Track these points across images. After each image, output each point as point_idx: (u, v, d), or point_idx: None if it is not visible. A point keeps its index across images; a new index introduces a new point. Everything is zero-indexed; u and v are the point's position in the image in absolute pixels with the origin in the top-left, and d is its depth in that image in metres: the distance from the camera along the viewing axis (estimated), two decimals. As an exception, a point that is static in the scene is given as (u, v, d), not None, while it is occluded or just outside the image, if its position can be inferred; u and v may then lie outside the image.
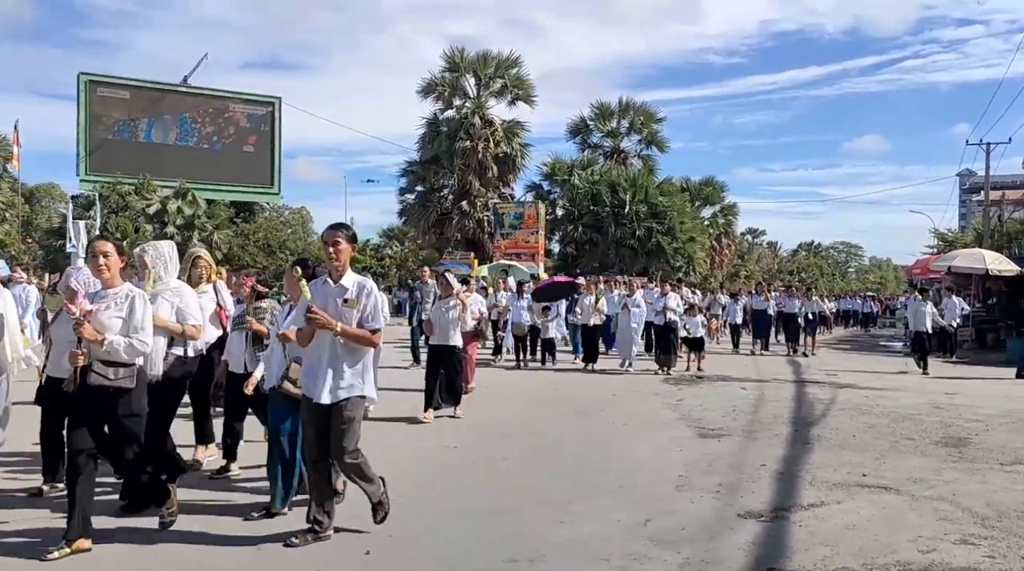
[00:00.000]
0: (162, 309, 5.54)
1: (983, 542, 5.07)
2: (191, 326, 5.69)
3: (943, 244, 39.10)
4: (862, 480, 6.68)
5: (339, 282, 4.89)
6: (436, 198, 36.71)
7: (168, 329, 5.54)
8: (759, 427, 9.29)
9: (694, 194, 42.25)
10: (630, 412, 10.39)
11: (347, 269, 4.93)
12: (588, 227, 34.02)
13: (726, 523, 5.45)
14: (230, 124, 39.26)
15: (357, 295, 4.86)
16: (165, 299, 5.62)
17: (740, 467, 7.15)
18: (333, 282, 4.90)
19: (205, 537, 4.97)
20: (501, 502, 5.95)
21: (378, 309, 4.91)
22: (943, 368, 15.33)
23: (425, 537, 5.11)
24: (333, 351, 4.81)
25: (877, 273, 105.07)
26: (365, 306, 4.86)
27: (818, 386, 13.36)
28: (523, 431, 8.90)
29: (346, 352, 4.82)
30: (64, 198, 46.03)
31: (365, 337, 4.85)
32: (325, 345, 4.82)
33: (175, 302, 5.66)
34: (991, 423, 9.74)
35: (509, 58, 35.84)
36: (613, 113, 40.50)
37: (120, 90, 36.77)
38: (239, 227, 36.05)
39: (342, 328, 4.74)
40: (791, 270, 71.07)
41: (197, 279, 6.80)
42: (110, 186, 31.60)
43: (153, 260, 5.76)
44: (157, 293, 5.60)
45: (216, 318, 6.94)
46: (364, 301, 4.86)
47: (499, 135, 35.30)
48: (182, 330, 5.64)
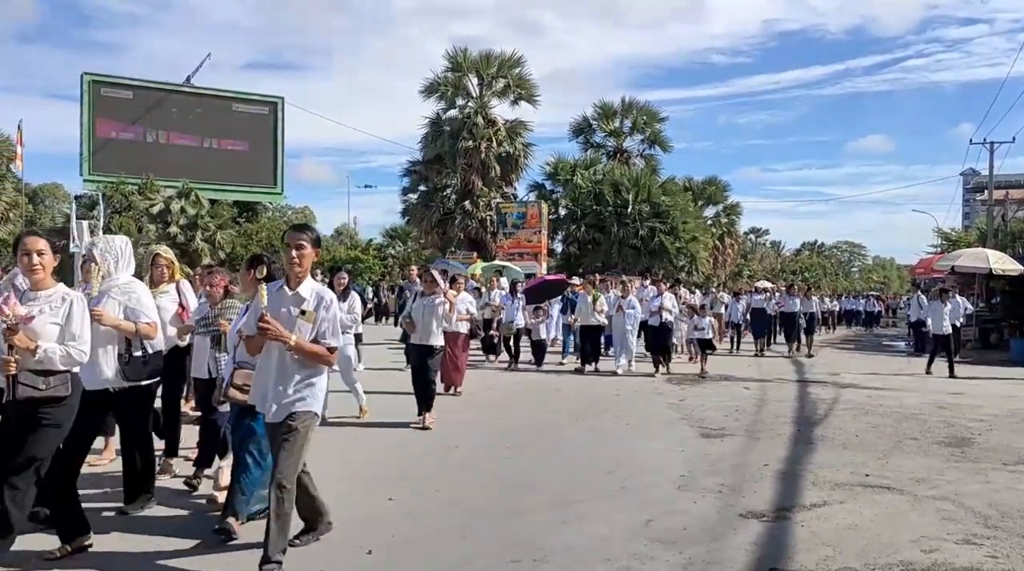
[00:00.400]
0: (109, 308, 5.15)
1: (986, 542, 5.06)
2: (145, 324, 5.24)
3: (947, 243, 39.05)
4: (865, 480, 6.67)
5: (296, 290, 4.47)
6: (439, 198, 36.69)
7: (120, 329, 5.15)
8: (762, 427, 9.29)
9: (697, 194, 42.14)
10: (632, 412, 10.38)
11: (307, 276, 4.53)
12: (591, 227, 33.98)
13: (728, 523, 5.45)
14: (233, 124, 39.32)
15: (315, 307, 4.46)
16: (112, 297, 5.21)
17: (743, 467, 7.15)
18: (290, 289, 4.48)
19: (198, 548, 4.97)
20: (504, 502, 5.95)
21: (336, 325, 4.55)
22: (946, 368, 15.30)
23: (427, 537, 5.11)
24: (283, 364, 4.44)
25: (881, 273, 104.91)
26: (323, 320, 4.46)
27: (821, 386, 13.34)
28: (525, 431, 8.90)
29: (297, 365, 4.45)
30: (68, 198, 46.10)
31: (320, 355, 4.46)
32: (274, 357, 4.45)
33: (124, 301, 5.22)
34: (994, 423, 9.73)
35: (512, 58, 35.80)
36: (616, 113, 40.42)
37: (123, 90, 36.86)
38: (242, 227, 36.12)
39: (296, 342, 4.34)
40: (794, 270, 70.96)
41: (158, 278, 6.48)
42: (113, 186, 31.68)
43: (103, 254, 5.31)
44: (104, 291, 5.22)
45: (178, 320, 6.57)
46: (322, 314, 4.46)
47: (502, 135, 35.27)
48: (135, 329, 5.18)
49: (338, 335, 4.58)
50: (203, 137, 38.67)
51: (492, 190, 35.90)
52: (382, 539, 5.00)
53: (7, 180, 31.44)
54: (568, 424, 9.48)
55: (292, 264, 4.45)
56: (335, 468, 6.99)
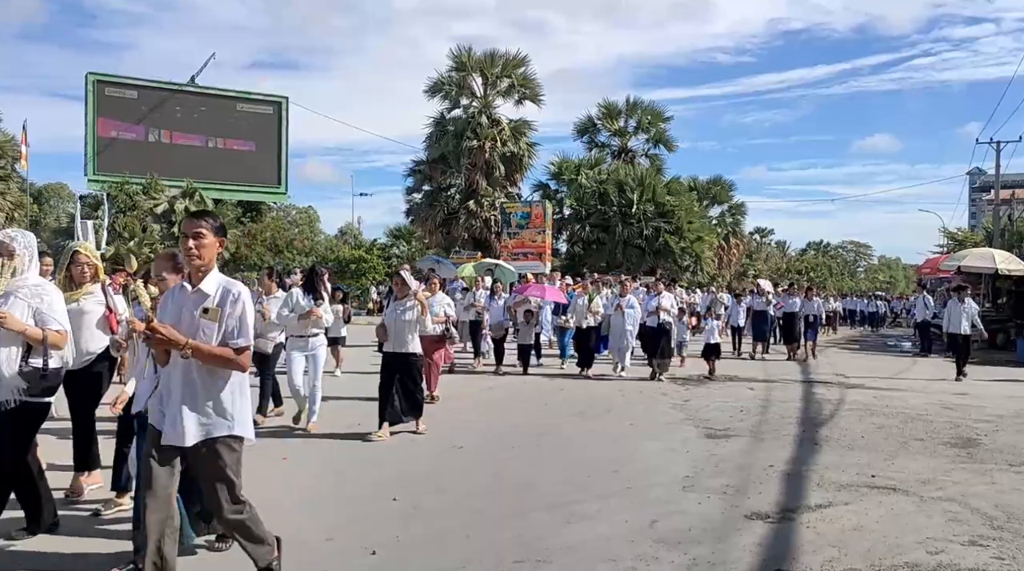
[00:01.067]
0: (16, 310, 4.61)
1: (992, 543, 5.04)
2: (54, 332, 4.67)
3: (953, 243, 38.92)
4: (870, 481, 6.64)
5: (199, 287, 3.89)
6: (443, 197, 36.67)
7: (26, 336, 4.59)
8: (767, 428, 9.26)
9: (702, 193, 42.12)
10: (636, 412, 10.36)
11: (212, 271, 3.95)
12: (595, 226, 33.97)
13: (733, 524, 5.43)
14: (237, 124, 39.36)
15: (220, 303, 3.87)
16: (20, 298, 4.65)
17: (747, 468, 7.13)
18: (191, 286, 3.92)
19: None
20: (508, 503, 5.94)
21: (245, 321, 3.90)
22: (951, 368, 15.23)
23: (432, 538, 5.10)
24: (189, 376, 3.83)
25: (886, 272, 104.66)
26: (229, 317, 3.87)
27: (826, 386, 13.30)
28: (528, 432, 8.89)
29: (207, 377, 3.85)
30: (72, 198, 46.14)
31: (226, 357, 3.83)
32: (179, 368, 3.84)
33: (34, 303, 4.67)
34: (1001, 424, 9.69)
35: (516, 57, 35.78)
36: (620, 112, 40.37)
37: (128, 90, 36.90)
38: (246, 227, 36.14)
39: (193, 345, 3.74)
40: (799, 270, 70.75)
41: (79, 277, 5.82)
42: (118, 186, 31.75)
43: (23, 248, 4.79)
44: (11, 291, 4.65)
45: (106, 323, 5.88)
46: (228, 310, 3.87)
47: (506, 134, 35.25)
48: (43, 336, 4.62)
49: (247, 333, 3.91)
50: (207, 137, 38.69)
51: (496, 190, 35.88)
52: (386, 539, 4.99)
53: (12, 180, 31.51)
54: (572, 424, 9.46)
55: (190, 256, 3.88)
56: (339, 468, 7.00)
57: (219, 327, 3.85)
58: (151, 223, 30.58)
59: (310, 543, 4.89)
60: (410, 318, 8.46)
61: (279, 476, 6.64)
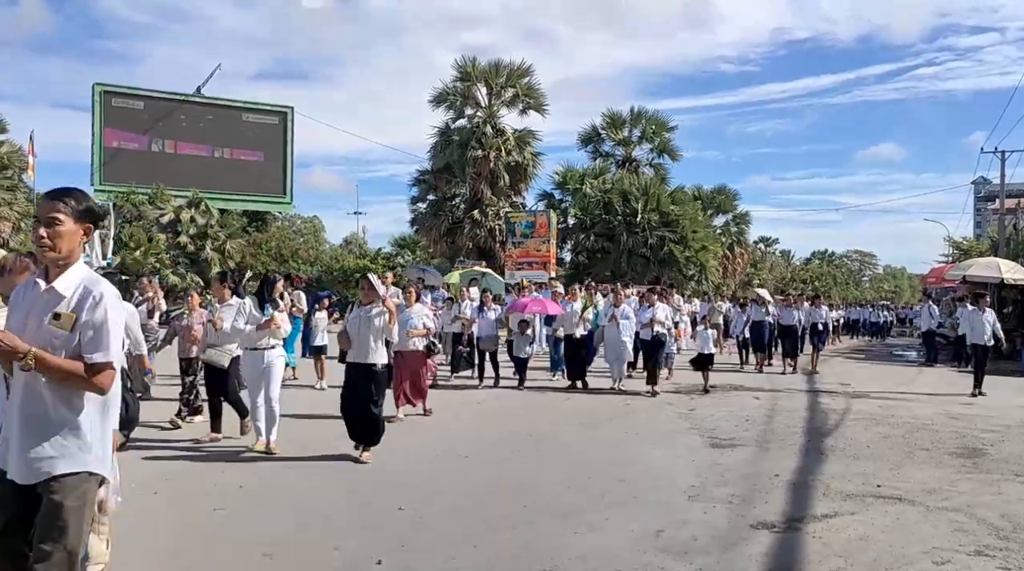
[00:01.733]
0: None
1: (998, 554, 5.04)
2: None
3: (958, 253, 38.87)
4: (876, 491, 6.64)
5: (52, 285, 3.04)
6: (448, 207, 36.77)
7: None
8: (772, 437, 9.26)
9: (706, 203, 42.09)
10: (642, 422, 10.37)
11: (73, 266, 3.09)
12: (600, 236, 33.99)
13: (739, 534, 5.43)
14: (243, 134, 39.53)
15: (76, 307, 3.02)
16: None
17: (753, 477, 7.13)
18: (45, 283, 3.06)
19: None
20: (514, 511, 5.95)
21: (106, 331, 3.01)
22: (958, 378, 15.20)
23: (437, 547, 5.11)
24: (30, 396, 2.99)
25: (892, 282, 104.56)
26: (85, 325, 3.00)
27: (831, 396, 13.29)
28: (533, 441, 8.89)
29: (55, 397, 2.99)
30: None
31: (75, 374, 2.97)
32: (20, 384, 3.00)
33: None
34: (1007, 433, 9.68)
35: (520, 67, 35.91)
36: (625, 122, 40.46)
37: (134, 100, 37.10)
38: (251, 236, 36.26)
39: (37, 354, 2.89)
40: (804, 279, 70.69)
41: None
42: (124, 196, 31.88)
43: None
44: None
45: None
46: (86, 317, 3.01)
47: (511, 144, 35.35)
48: None
49: (108, 347, 3.02)
50: (213, 146, 38.86)
51: (501, 199, 35.97)
52: (392, 548, 5.01)
53: (19, 190, 31.60)
54: (577, 433, 9.46)
55: (42, 246, 3.01)
56: (343, 476, 7.01)
57: (74, 337, 3.01)
58: (157, 233, 30.68)
59: (318, 552, 4.91)
60: (377, 325, 7.63)
61: (284, 487, 6.65)
